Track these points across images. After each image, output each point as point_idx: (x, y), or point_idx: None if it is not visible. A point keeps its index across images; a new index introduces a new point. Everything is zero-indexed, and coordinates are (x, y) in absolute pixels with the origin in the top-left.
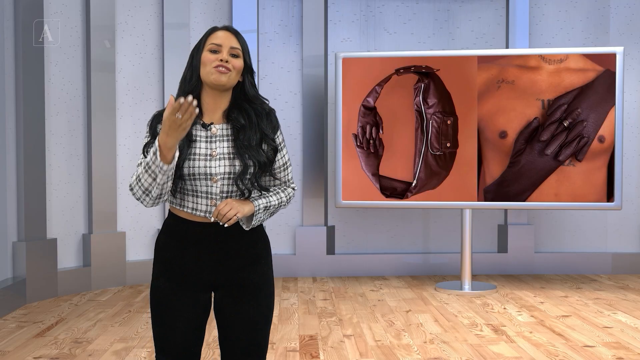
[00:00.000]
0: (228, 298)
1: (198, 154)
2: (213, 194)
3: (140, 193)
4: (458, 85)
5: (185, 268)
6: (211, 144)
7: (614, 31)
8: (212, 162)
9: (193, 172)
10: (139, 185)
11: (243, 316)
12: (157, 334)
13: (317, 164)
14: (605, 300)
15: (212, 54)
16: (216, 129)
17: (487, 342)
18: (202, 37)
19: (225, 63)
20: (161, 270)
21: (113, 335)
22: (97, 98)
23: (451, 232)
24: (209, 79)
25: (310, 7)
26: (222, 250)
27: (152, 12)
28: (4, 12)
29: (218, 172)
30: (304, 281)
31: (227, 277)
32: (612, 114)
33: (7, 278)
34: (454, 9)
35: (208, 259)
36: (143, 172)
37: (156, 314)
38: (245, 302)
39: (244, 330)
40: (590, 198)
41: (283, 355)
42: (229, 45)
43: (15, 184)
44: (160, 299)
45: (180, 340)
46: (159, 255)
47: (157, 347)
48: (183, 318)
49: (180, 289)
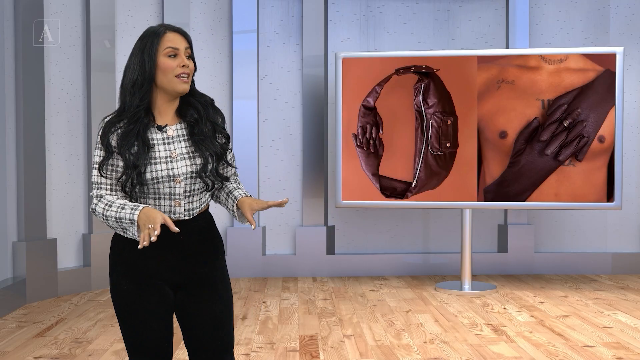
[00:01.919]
0: (190, 297)
1: (159, 157)
2: (177, 195)
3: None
4: (458, 85)
5: (149, 269)
6: (169, 145)
7: (614, 31)
8: (173, 163)
9: (156, 176)
10: (104, 221)
11: (207, 313)
12: (129, 336)
13: (317, 164)
14: (605, 300)
15: (171, 58)
16: (172, 130)
17: (487, 342)
18: (150, 39)
19: (187, 68)
20: (122, 272)
21: (113, 335)
22: (97, 98)
23: (451, 232)
24: (172, 87)
25: (310, 7)
26: (184, 248)
27: (152, 12)
28: (4, 12)
29: (181, 173)
30: (304, 281)
31: (188, 274)
32: (612, 114)
33: (7, 278)
34: (454, 9)
35: (170, 258)
36: (113, 220)
37: (126, 316)
38: (208, 299)
39: (209, 327)
40: (590, 198)
41: (283, 355)
42: (183, 47)
43: (15, 184)
44: (128, 301)
45: (155, 336)
46: (118, 258)
47: (132, 349)
48: (154, 316)
49: (145, 289)
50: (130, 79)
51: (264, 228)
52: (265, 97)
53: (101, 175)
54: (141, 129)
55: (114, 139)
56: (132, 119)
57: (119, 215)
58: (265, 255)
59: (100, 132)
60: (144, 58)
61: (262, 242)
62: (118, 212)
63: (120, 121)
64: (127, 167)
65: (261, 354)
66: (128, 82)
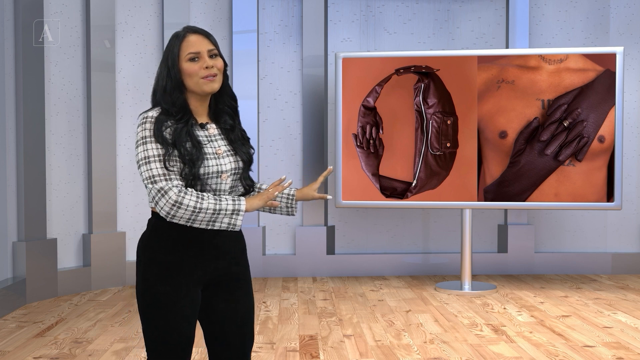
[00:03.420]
0: (219, 294)
1: (208, 154)
2: (222, 191)
3: (187, 218)
4: (458, 85)
5: (183, 270)
6: (212, 142)
7: (614, 31)
8: (220, 159)
9: (207, 172)
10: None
11: (235, 310)
12: (155, 338)
13: (317, 164)
14: (605, 300)
15: (193, 62)
16: (212, 128)
17: (487, 342)
18: (172, 45)
19: (211, 69)
20: (157, 273)
21: (113, 335)
22: (97, 98)
23: (451, 232)
24: (201, 89)
25: (310, 7)
26: (218, 247)
27: (152, 12)
28: (4, 12)
29: (228, 169)
30: (304, 281)
31: (220, 273)
32: (612, 114)
33: (7, 278)
34: (454, 9)
35: (203, 258)
36: (209, 212)
37: (155, 317)
38: (237, 297)
39: (236, 324)
40: (590, 198)
41: (283, 355)
42: (205, 49)
43: (15, 184)
44: (160, 303)
45: (181, 340)
46: (153, 259)
47: (155, 351)
48: (185, 320)
49: (179, 292)
50: (161, 85)
51: (264, 228)
52: (265, 97)
53: (166, 168)
54: (189, 128)
55: (167, 134)
56: (177, 118)
57: (218, 207)
58: (265, 255)
59: (150, 127)
60: (169, 65)
61: (262, 242)
62: (217, 204)
63: (167, 119)
64: (183, 163)
65: (261, 354)
66: (159, 88)
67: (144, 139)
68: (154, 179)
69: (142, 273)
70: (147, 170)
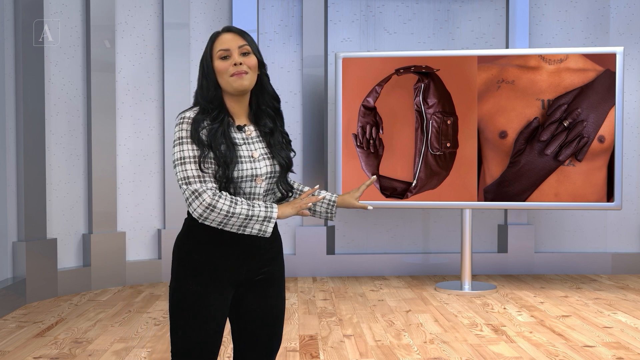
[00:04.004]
0: (253, 292)
1: (242, 157)
2: (256, 194)
3: (219, 221)
4: (458, 85)
5: (216, 270)
6: (249, 145)
7: (614, 31)
8: (255, 163)
9: (241, 175)
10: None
11: (268, 309)
12: (183, 337)
13: (317, 164)
14: (605, 300)
15: (224, 60)
16: (250, 130)
17: (487, 342)
18: (208, 45)
19: (240, 66)
20: (189, 273)
21: (113, 335)
22: (97, 98)
23: (451, 232)
24: (231, 87)
25: (310, 7)
26: (253, 247)
27: (152, 12)
28: (4, 12)
29: (263, 173)
30: (304, 281)
31: (254, 272)
32: (612, 114)
33: (7, 278)
34: (454, 9)
35: (235, 258)
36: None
37: (185, 317)
38: (271, 296)
39: (267, 323)
40: (590, 198)
41: (283, 355)
42: (236, 46)
43: (15, 184)
44: (191, 302)
45: (209, 340)
46: (186, 259)
47: (181, 351)
48: (215, 320)
49: (211, 292)
50: (199, 84)
51: None
52: None
53: (201, 169)
54: (225, 129)
55: (203, 135)
56: (214, 119)
57: (251, 213)
58: None
59: (187, 127)
60: (204, 65)
61: None
62: (250, 210)
63: (204, 120)
64: (217, 165)
65: None
66: (199, 88)
67: (181, 140)
68: (189, 180)
69: (175, 272)
70: (182, 171)
